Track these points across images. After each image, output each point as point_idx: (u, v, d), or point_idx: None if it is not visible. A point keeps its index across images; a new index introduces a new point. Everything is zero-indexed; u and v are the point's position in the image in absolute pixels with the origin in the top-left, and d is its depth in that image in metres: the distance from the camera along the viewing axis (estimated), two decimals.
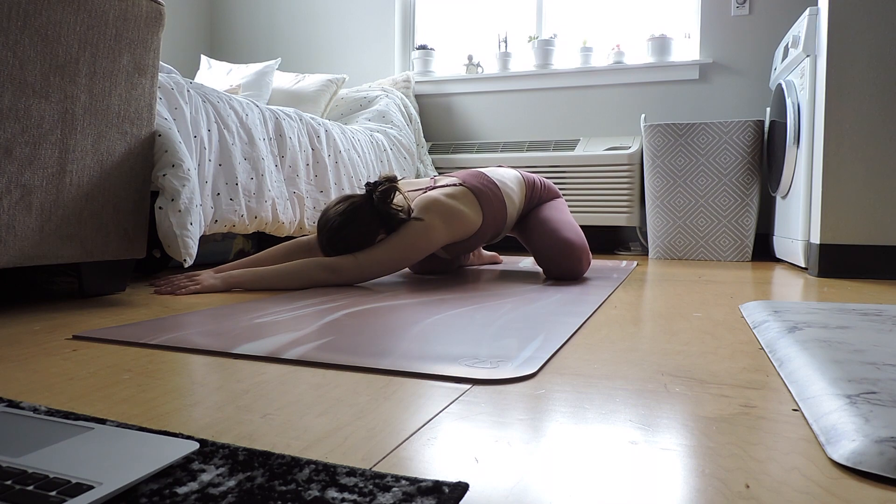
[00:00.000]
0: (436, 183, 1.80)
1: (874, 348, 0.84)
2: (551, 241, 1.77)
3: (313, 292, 1.49)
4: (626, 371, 0.81)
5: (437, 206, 1.67)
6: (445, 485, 0.45)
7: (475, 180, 1.79)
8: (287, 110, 2.27)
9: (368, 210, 1.61)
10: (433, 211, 1.66)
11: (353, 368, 0.81)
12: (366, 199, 1.63)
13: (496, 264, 2.34)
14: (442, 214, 1.67)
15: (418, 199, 1.70)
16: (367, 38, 3.67)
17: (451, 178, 1.81)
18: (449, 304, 1.33)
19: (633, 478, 0.48)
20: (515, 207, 1.87)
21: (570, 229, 1.80)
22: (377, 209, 1.61)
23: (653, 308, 1.34)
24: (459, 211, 1.70)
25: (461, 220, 1.70)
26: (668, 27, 3.23)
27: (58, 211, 1.28)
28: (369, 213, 1.61)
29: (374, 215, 1.62)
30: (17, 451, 0.46)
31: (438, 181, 1.81)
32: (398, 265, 1.61)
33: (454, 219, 1.69)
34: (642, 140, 2.92)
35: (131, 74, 1.42)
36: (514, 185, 1.88)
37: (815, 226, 2.06)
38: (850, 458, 0.50)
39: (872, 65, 1.97)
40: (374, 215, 1.62)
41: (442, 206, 1.67)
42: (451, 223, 1.68)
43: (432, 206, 1.67)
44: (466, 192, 1.74)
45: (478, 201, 1.75)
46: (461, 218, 1.70)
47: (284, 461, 0.49)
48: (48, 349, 0.91)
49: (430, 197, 1.69)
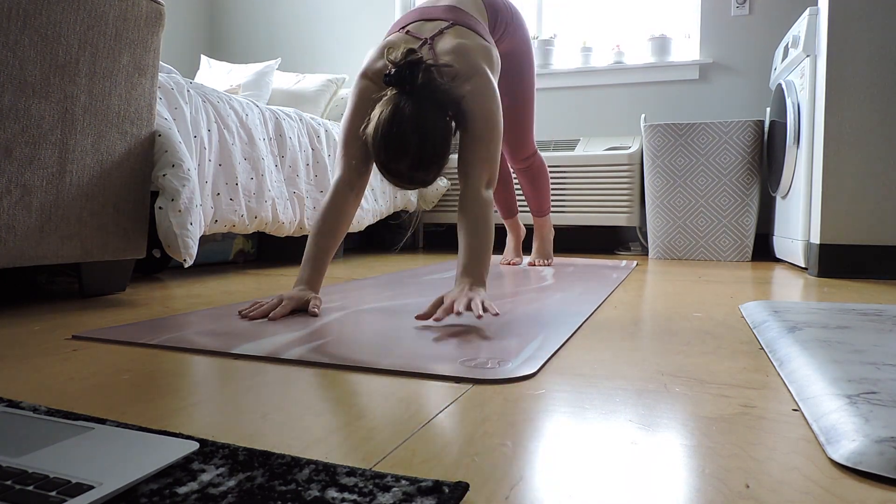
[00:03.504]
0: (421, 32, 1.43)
1: (874, 348, 0.84)
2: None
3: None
4: (626, 371, 0.81)
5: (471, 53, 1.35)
6: (445, 485, 0.45)
7: (455, 16, 1.47)
8: (287, 110, 2.27)
9: (424, 107, 1.19)
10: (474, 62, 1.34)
11: (353, 368, 0.81)
12: (407, 96, 1.19)
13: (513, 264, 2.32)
14: (483, 58, 1.37)
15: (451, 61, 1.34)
16: (368, 38, 3.67)
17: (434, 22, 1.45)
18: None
19: (634, 478, 0.48)
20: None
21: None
22: (431, 98, 1.20)
23: (653, 308, 1.34)
24: (484, 47, 1.41)
25: (490, 55, 1.41)
26: (668, 27, 3.23)
27: (58, 211, 1.28)
28: (430, 109, 1.20)
29: (434, 105, 1.21)
30: (17, 451, 0.46)
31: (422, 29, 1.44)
32: (498, 147, 1.32)
33: (491, 58, 1.40)
34: (642, 140, 2.92)
35: (131, 74, 1.42)
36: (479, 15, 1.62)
37: (815, 226, 2.06)
38: (850, 458, 0.50)
39: (872, 65, 1.97)
40: (434, 105, 1.21)
41: (473, 50, 1.36)
42: (491, 64, 1.40)
43: (467, 56, 1.34)
44: (462, 30, 1.43)
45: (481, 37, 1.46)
46: (490, 53, 1.41)
47: (284, 461, 0.49)
48: (48, 349, 0.91)
49: (456, 47, 1.35)
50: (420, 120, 1.17)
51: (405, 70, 1.18)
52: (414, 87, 1.18)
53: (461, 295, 1.09)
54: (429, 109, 1.19)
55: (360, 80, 1.37)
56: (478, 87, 1.31)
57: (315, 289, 1.25)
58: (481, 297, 1.08)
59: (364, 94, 1.34)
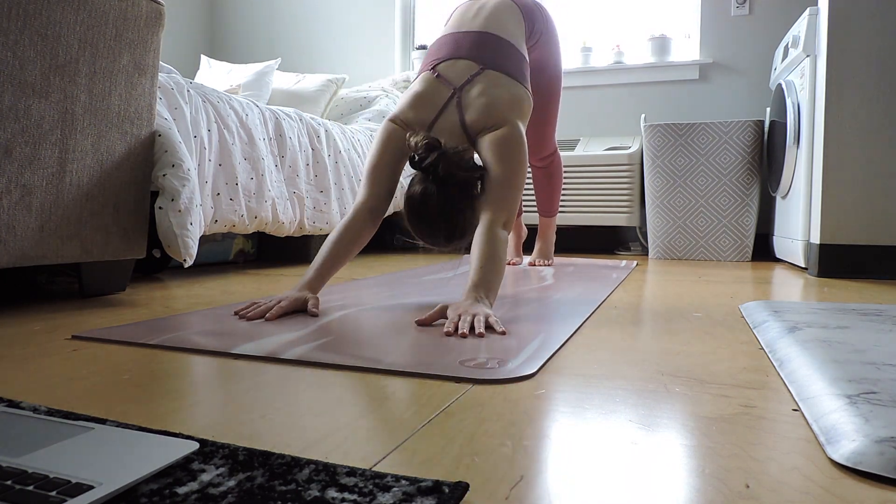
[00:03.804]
0: (451, 77, 1.42)
1: (874, 348, 0.84)
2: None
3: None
4: (626, 371, 0.81)
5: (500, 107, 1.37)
6: (445, 485, 0.45)
7: (488, 56, 1.45)
8: (287, 110, 2.27)
9: (449, 193, 1.28)
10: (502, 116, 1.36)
11: (353, 368, 0.81)
12: (432, 181, 1.28)
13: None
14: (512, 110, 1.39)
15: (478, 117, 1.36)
16: (367, 38, 3.67)
17: (465, 62, 1.44)
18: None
19: (634, 478, 0.48)
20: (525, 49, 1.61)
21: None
22: (455, 184, 1.28)
23: (653, 308, 1.34)
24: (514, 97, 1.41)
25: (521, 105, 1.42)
26: (668, 27, 3.23)
27: (58, 211, 1.28)
28: (455, 194, 1.28)
29: (458, 189, 1.29)
30: (17, 451, 0.46)
31: (453, 71, 1.43)
32: (520, 193, 1.34)
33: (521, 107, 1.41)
34: (642, 140, 2.92)
35: (131, 74, 1.42)
36: (515, 29, 1.61)
37: (815, 226, 2.06)
38: (850, 458, 0.50)
39: (872, 65, 1.97)
40: (458, 189, 1.29)
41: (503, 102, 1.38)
42: (521, 113, 1.41)
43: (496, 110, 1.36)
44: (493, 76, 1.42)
45: (512, 78, 1.45)
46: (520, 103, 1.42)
47: (284, 461, 0.49)
48: (48, 349, 0.91)
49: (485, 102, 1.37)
50: (445, 206, 1.27)
51: (426, 158, 1.27)
52: (437, 177, 1.27)
53: (467, 310, 1.08)
54: (454, 189, 1.28)
55: (388, 122, 1.40)
56: (503, 134, 1.34)
57: (315, 291, 1.26)
58: (485, 314, 1.07)
59: (391, 137, 1.38)
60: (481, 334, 1.00)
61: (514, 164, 1.33)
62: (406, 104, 1.41)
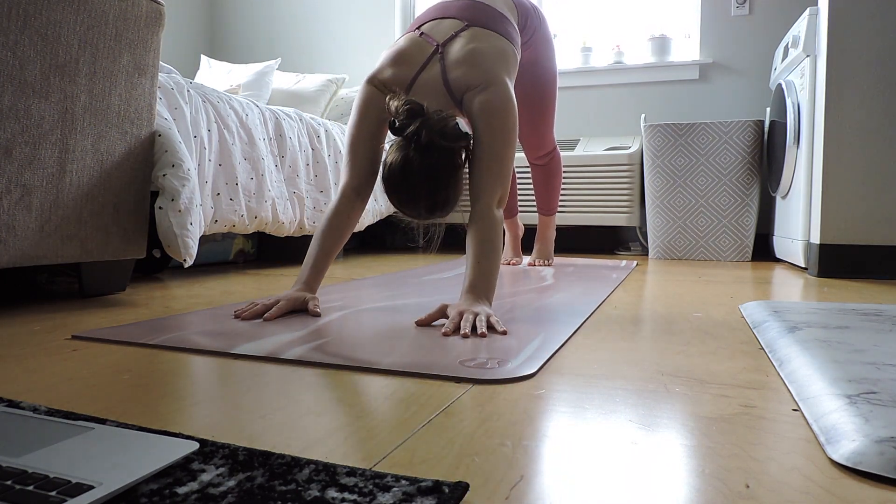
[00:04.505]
0: (434, 34, 1.38)
1: (874, 348, 0.84)
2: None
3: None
4: (626, 371, 0.81)
5: (484, 59, 1.32)
6: (445, 485, 0.45)
7: (472, 15, 1.42)
8: (287, 110, 2.27)
9: (432, 156, 1.18)
10: (487, 69, 1.30)
11: (353, 368, 0.81)
12: (415, 146, 1.18)
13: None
14: (497, 62, 1.33)
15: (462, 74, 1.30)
16: (367, 38, 3.67)
17: (450, 20, 1.41)
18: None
19: (634, 478, 0.48)
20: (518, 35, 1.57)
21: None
22: (438, 146, 1.18)
23: (653, 308, 1.34)
24: (498, 49, 1.36)
25: (506, 57, 1.37)
26: (668, 27, 3.23)
27: (58, 211, 1.28)
28: (439, 157, 1.19)
29: (443, 152, 1.19)
30: (17, 451, 0.46)
31: (437, 30, 1.39)
32: (511, 163, 1.29)
33: (507, 59, 1.36)
34: (642, 140, 2.92)
35: (131, 74, 1.42)
36: (507, 12, 1.57)
37: (815, 226, 2.06)
38: (850, 458, 0.50)
39: (872, 65, 1.97)
40: (443, 152, 1.19)
41: (487, 55, 1.33)
42: (507, 66, 1.35)
43: (480, 63, 1.31)
44: (477, 32, 1.38)
45: (498, 34, 1.41)
46: (505, 55, 1.37)
47: (284, 461, 0.49)
48: (48, 349, 0.91)
49: (468, 53, 1.32)
50: (429, 170, 1.17)
51: (408, 126, 1.17)
52: (419, 144, 1.17)
53: (468, 310, 1.07)
54: (437, 158, 1.18)
55: (366, 85, 1.34)
56: (491, 99, 1.27)
57: (313, 290, 1.25)
58: (486, 314, 1.06)
59: (370, 102, 1.32)
60: (483, 334, 0.99)
61: (505, 133, 1.26)
62: (385, 62, 1.35)
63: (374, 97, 1.32)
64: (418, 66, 1.32)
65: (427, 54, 1.33)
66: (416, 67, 1.32)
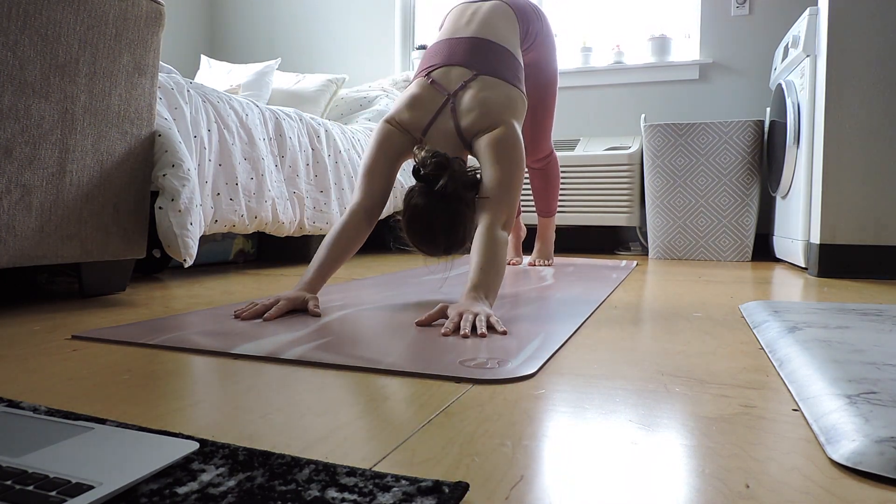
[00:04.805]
0: (445, 83, 1.45)
1: (874, 348, 0.84)
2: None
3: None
4: (626, 371, 0.81)
5: (494, 109, 1.39)
6: (445, 485, 0.45)
7: (481, 62, 1.48)
8: (287, 110, 2.27)
9: (452, 207, 1.28)
10: (497, 118, 1.38)
11: (353, 368, 0.81)
12: (436, 195, 1.27)
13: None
14: (507, 111, 1.40)
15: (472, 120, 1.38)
16: (367, 38, 3.67)
17: (459, 69, 1.46)
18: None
19: (634, 478, 0.48)
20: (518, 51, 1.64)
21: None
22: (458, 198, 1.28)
23: (653, 308, 1.34)
24: (508, 99, 1.43)
25: (515, 106, 1.44)
26: (668, 27, 3.23)
27: (58, 211, 1.28)
28: (458, 208, 1.28)
29: (461, 204, 1.29)
30: (17, 451, 0.46)
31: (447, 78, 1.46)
32: (518, 192, 1.35)
33: (515, 109, 1.43)
34: (642, 140, 2.92)
35: (131, 74, 1.42)
36: (510, 33, 1.63)
37: (815, 226, 2.06)
38: (850, 458, 0.50)
39: (872, 65, 1.97)
40: (461, 204, 1.29)
41: (497, 104, 1.40)
42: (515, 114, 1.43)
43: (490, 112, 1.38)
44: (487, 81, 1.44)
45: (506, 82, 1.47)
46: (514, 105, 1.44)
47: (284, 461, 0.49)
48: (48, 349, 0.91)
49: (480, 104, 1.39)
50: (451, 218, 1.27)
51: (438, 177, 1.25)
52: (444, 194, 1.26)
53: (468, 310, 1.07)
54: (458, 206, 1.28)
55: (384, 124, 1.42)
56: (499, 136, 1.35)
57: (314, 291, 1.26)
58: (486, 314, 1.06)
59: (389, 139, 1.40)
60: (483, 334, 0.99)
61: (512, 165, 1.34)
62: (402, 105, 1.43)
63: (393, 135, 1.41)
64: (432, 113, 1.41)
65: (439, 103, 1.42)
66: (430, 114, 1.41)
